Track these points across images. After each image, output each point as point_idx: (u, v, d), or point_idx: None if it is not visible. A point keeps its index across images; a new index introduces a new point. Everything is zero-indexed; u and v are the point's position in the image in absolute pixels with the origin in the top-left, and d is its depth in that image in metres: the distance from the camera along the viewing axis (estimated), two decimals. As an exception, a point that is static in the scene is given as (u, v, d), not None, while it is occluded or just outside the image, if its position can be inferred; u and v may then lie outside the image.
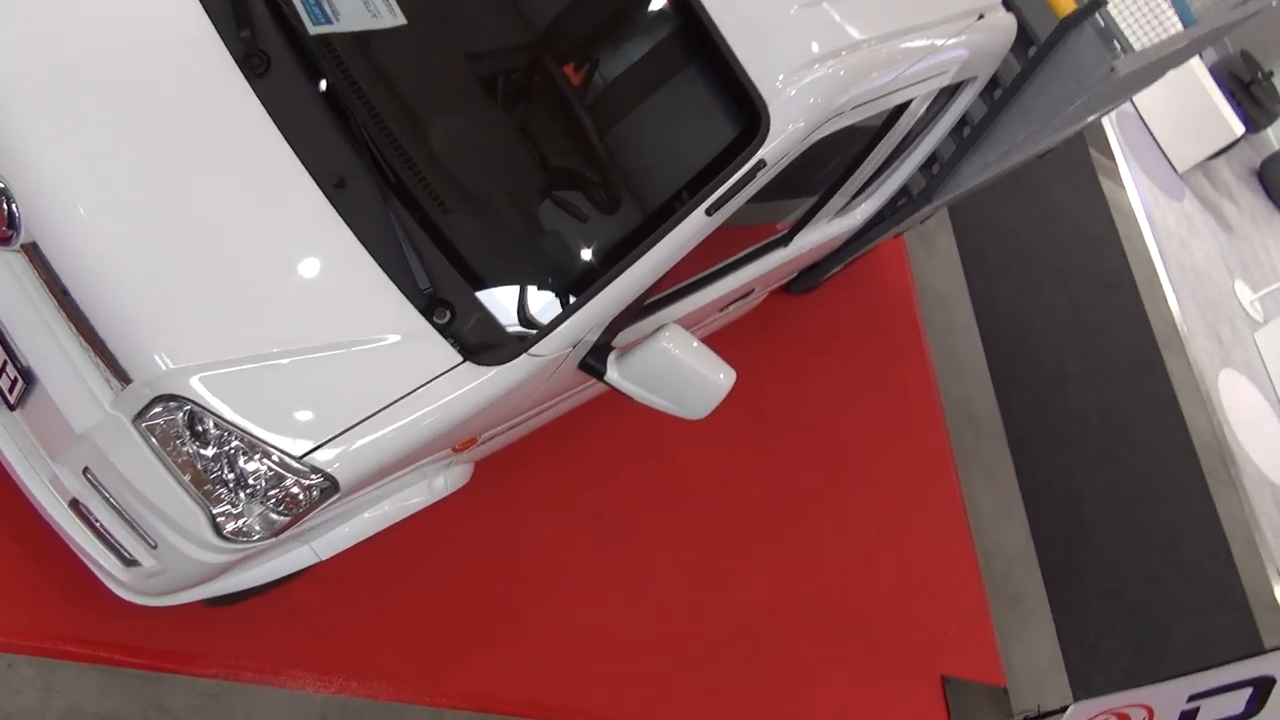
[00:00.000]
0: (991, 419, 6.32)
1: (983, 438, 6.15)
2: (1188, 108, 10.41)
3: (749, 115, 2.47)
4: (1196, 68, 10.43)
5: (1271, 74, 11.59)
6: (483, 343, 2.40)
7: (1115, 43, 3.46)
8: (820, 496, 4.92)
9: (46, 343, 2.29)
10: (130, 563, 2.49)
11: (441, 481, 2.90)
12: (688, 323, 2.98)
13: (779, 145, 2.48)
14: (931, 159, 3.98)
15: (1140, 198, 9.59)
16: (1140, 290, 8.62)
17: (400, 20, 2.55)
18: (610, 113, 2.73)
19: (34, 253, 2.26)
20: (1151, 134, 10.57)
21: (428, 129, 2.55)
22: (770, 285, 3.79)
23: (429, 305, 2.37)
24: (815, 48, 2.50)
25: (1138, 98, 10.61)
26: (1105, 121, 9.98)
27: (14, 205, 2.22)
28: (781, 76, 2.47)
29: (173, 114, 2.30)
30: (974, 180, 3.78)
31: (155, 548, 2.41)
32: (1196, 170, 10.92)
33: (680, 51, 2.61)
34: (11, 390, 2.38)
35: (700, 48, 2.50)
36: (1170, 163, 10.53)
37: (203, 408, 2.21)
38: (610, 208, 2.66)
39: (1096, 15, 3.33)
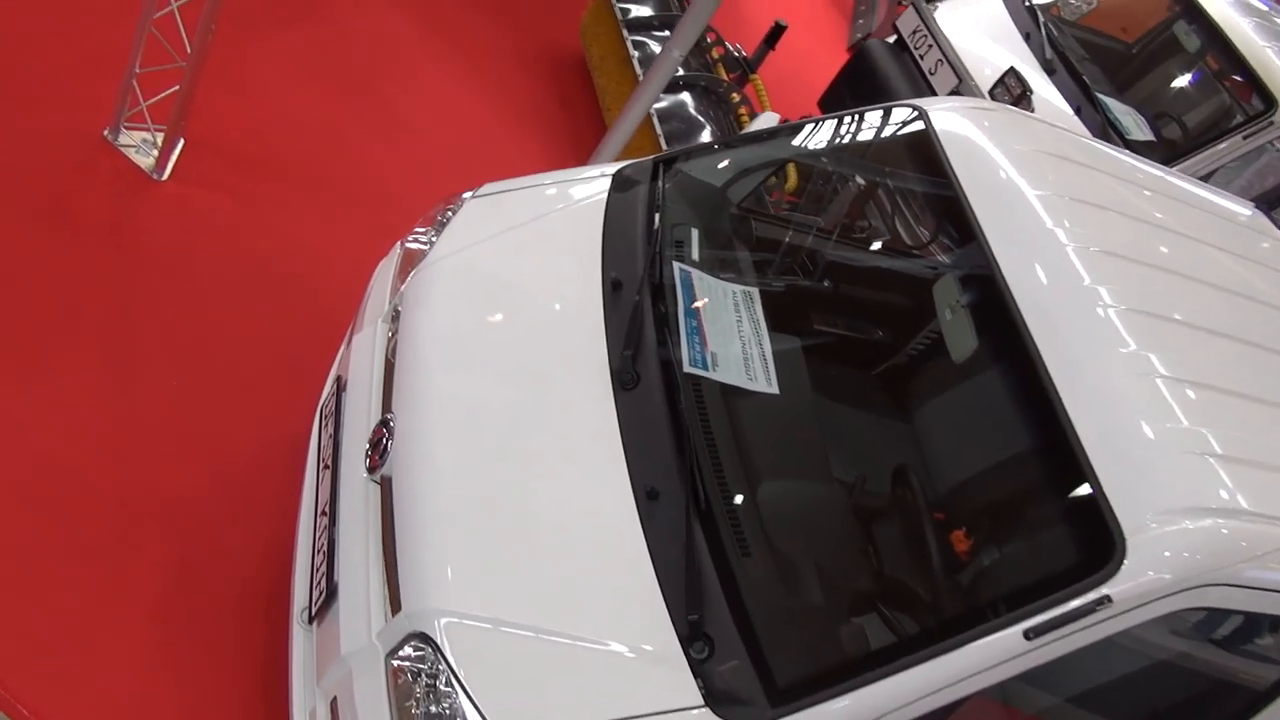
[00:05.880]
0: None
1: None
2: None
3: (1100, 541, 2.15)
4: None
5: None
6: (729, 692, 2.16)
7: None
8: None
9: (359, 563, 2.50)
10: None
11: None
12: None
13: (1132, 589, 2.10)
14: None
15: None
16: None
17: (774, 390, 2.69)
18: (948, 515, 2.54)
19: (386, 486, 2.55)
20: None
21: (758, 480, 2.57)
22: None
23: (691, 635, 2.23)
24: (1197, 500, 2.17)
25: None
26: None
27: (390, 442, 2.57)
28: (1151, 513, 2.15)
29: (544, 404, 2.61)
30: None
31: None
32: None
33: (1034, 464, 2.40)
34: (317, 601, 2.58)
35: (1060, 464, 2.28)
36: None
37: (444, 658, 2.21)
38: (915, 601, 2.39)
39: None
